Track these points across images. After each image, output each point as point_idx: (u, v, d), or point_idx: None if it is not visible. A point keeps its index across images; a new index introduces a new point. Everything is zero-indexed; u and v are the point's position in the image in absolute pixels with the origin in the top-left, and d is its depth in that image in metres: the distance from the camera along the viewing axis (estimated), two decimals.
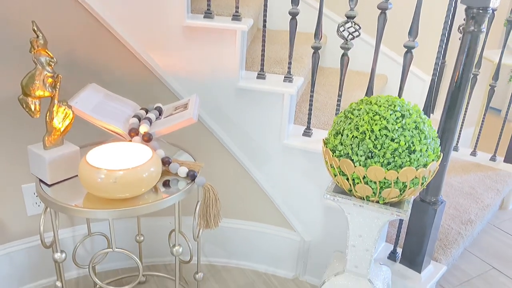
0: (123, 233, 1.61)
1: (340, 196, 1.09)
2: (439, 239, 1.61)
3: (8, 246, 1.44)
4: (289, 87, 1.39)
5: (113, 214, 1.00)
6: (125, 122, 1.19)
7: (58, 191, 1.05)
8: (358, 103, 1.07)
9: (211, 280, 1.63)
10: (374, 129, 0.98)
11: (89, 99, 1.19)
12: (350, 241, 1.18)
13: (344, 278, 1.22)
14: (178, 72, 1.40)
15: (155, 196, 1.07)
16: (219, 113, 1.46)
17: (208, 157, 1.54)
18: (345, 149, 1.01)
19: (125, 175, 0.97)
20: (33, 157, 1.06)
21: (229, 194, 1.60)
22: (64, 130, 1.06)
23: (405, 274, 1.41)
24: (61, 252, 1.09)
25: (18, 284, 1.49)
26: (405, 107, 1.01)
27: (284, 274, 1.67)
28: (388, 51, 2.31)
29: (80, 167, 0.99)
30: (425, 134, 0.99)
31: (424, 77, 2.31)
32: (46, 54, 0.97)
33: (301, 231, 1.59)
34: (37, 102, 1.00)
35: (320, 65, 2.41)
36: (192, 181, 1.11)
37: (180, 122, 1.15)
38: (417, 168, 0.98)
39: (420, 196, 1.35)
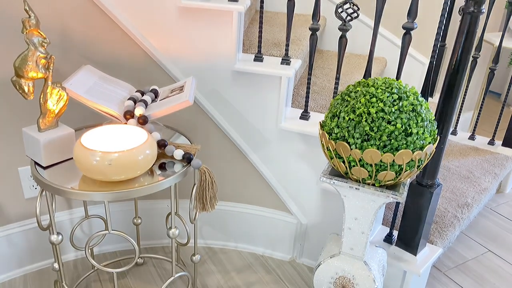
0: (120, 216, 1.62)
1: (336, 179, 1.09)
2: (435, 222, 1.62)
3: (6, 229, 1.45)
4: (287, 70, 1.38)
5: (109, 197, 0.99)
6: (120, 104, 1.18)
7: (53, 174, 1.05)
8: (355, 85, 1.06)
9: (209, 262, 1.64)
10: (370, 111, 0.97)
11: (83, 81, 1.18)
12: (346, 223, 1.19)
13: (339, 260, 1.23)
14: (175, 54, 1.38)
15: (151, 178, 1.07)
16: (216, 95, 1.45)
17: (206, 140, 1.53)
18: (342, 131, 1.01)
19: (120, 157, 0.97)
20: (28, 139, 1.05)
21: (226, 177, 1.60)
22: (59, 112, 1.06)
23: (400, 256, 1.43)
24: (58, 234, 1.09)
25: (17, 265, 1.51)
26: (402, 90, 1.00)
27: (281, 257, 1.69)
28: (388, 33, 2.28)
29: (75, 149, 0.99)
30: (422, 117, 0.99)
31: (424, 60, 2.29)
32: (38, 34, 0.95)
33: (298, 214, 1.59)
34: (30, 83, 0.98)
35: (319, 48, 2.39)
36: (188, 164, 1.11)
37: (176, 104, 1.14)
38: (413, 150, 0.97)
39: (417, 179, 1.35)
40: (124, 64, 1.39)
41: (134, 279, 1.54)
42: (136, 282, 1.53)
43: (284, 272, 1.62)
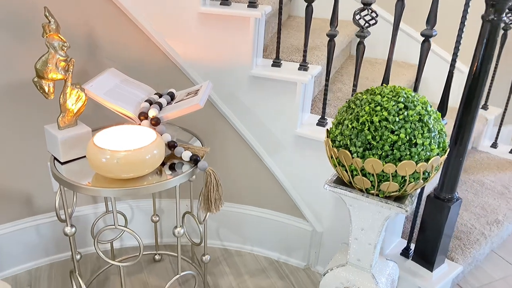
0: (141, 213, 1.68)
1: (340, 187, 1.08)
2: (459, 239, 1.54)
3: (35, 219, 1.55)
4: (303, 76, 1.38)
5: (117, 193, 1.04)
6: (137, 106, 1.24)
7: (70, 170, 1.12)
8: (363, 93, 1.04)
9: (223, 264, 1.66)
10: (374, 120, 0.95)
11: (104, 83, 1.25)
12: (352, 234, 1.16)
13: (346, 271, 1.20)
14: (194, 58, 1.43)
15: (159, 177, 1.11)
16: (233, 99, 1.48)
17: (223, 143, 1.56)
18: (344, 139, 1.00)
19: (127, 156, 1.02)
20: (49, 136, 1.13)
21: (243, 180, 1.62)
22: (77, 112, 1.12)
23: (416, 271, 1.37)
24: (71, 226, 1.16)
25: (44, 254, 1.61)
26: (410, 99, 0.98)
27: (296, 263, 1.68)
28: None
29: (88, 147, 1.05)
30: (429, 127, 0.95)
31: (463, 68, 2.19)
32: (58, 38, 1.02)
33: (313, 221, 1.58)
34: (50, 84, 1.06)
35: (351, 54, 2.35)
36: (195, 165, 1.14)
37: (187, 107, 1.18)
38: (417, 162, 0.94)
39: (434, 193, 1.30)
40: (146, 68, 1.45)
41: (150, 274, 1.59)
42: (151, 277, 1.58)
43: (298, 279, 1.61)
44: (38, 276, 1.55)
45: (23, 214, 1.52)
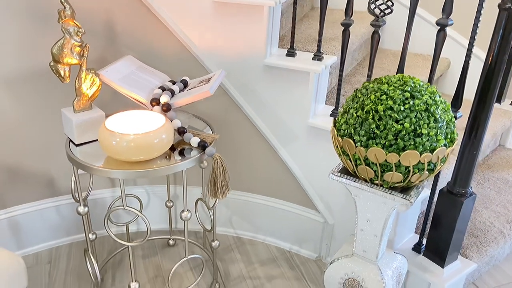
0: (156, 199, 1.73)
1: (345, 177, 1.07)
2: (475, 236, 1.50)
3: (57, 200, 1.63)
4: (316, 66, 1.37)
5: (126, 175, 1.08)
6: (150, 92, 1.27)
7: (84, 152, 1.16)
8: (371, 82, 1.02)
9: (235, 251, 1.69)
10: (378, 109, 0.94)
11: (120, 69, 1.29)
12: (358, 225, 1.15)
13: (351, 262, 1.20)
14: (209, 47, 1.44)
15: (167, 162, 1.13)
16: (247, 89, 1.49)
17: (236, 132, 1.58)
18: (349, 128, 0.99)
19: (136, 139, 1.05)
20: (65, 119, 1.18)
21: (256, 170, 1.63)
22: (92, 96, 1.17)
23: (426, 267, 1.35)
24: (84, 206, 1.21)
25: (65, 234, 1.68)
26: (418, 88, 0.96)
27: (307, 255, 1.68)
28: (453, 32, 2.13)
29: (100, 131, 1.09)
30: (435, 117, 0.93)
31: None
32: (74, 24, 1.07)
33: (325, 213, 1.57)
34: (66, 68, 1.10)
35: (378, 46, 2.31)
36: (203, 151, 1.16)
37: (197, 94, 1.20)
38: (422, 152, 0.92)
39: (448, 187, 1.26)
40: (163, 56, 1.48)
41: (163, 258, 1.64)
42: (165, 260, 1.63)
43: (308, 270, 1.61)
44: (58, 255, 1.63)
45: (45, 194, 1.60)
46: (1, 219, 1.54)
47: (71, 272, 1.55)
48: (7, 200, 1.54)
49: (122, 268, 1.57)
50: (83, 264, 1.58)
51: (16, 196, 1.55)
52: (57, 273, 1.54)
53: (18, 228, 1.58)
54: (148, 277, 1.54)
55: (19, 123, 1.45)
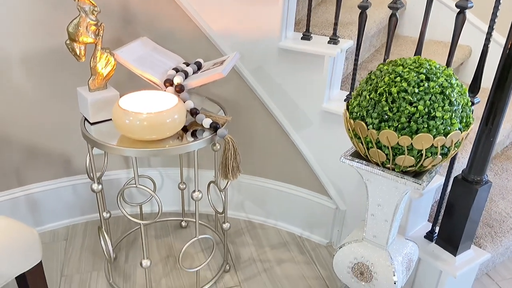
0: (170, 181, 1.75)
1: (356, 160, 1.06)
2: (490, 226, 1.47)
3: (73, 179, 1.66)
4: (331, 49, 1.35)
5: (139, 153, 1.10)
6: (164, 73, 1.28)
7: (99, 130, 1.18)
8: (385, 64, 1.01)
9: (246, 235, 1.70)
10: (392, 91, 0.92)
11: (135, 50, 1.30)
12: (369, 210, 1.15)
13: (361, 246, 1.19)
14: (224, 30, 1.44)
15: (179, 142, 1.14)
16: (261, 72, 1.48)
17: (249, 116, 1.58)
18: (361, 111, 0.98)
19: (149, 118, 1.06)
20: (80, 97, 1.20)
21: (269, 154, 1.63)
22: (107, 76, 1.18)
23: (438, 255, 1.33)
24: (98, 183, 1.23)
25: (80, 213, 1.72)
26: (433, 70, 0.93)
27: (318, 240, 1.68)
28: (474, 19, 2.08)
29: (113, 109, 1.10)
30: (450, 100, 0.91)
31: None
32: (89, 3, 1.08)
33: (336, 199, 1.57)
34: (82, 47, 1.12)
35: (398, 33, 2.27)
36: (214, 133, 1.16)
37: (209, 76, 1.20)
38: (435, 136, 0.91)
39: (462, 174, 1.24)
40: (178, 38, 1.48)
41: (175, 239, 1.66)
42: (177, 241, 1.65)
43: (318, 255, 1.61)
44: (74, 232, 1.67)
45: (61, 173, 1.63)
46: (19, 196, 1.58)
47: (86, 249, 1.59)
48: (25, 177, 1.58)
49: (135, 247, 1.60)
50: (97, 242, 1.62)
51: (33, 174, 1.59)
52: (73, 250, 1.58)
53: (36, 205, 1.62)
54: (160, 256, 1.57)
55: (36, 102, 1.49)
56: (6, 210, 1.58)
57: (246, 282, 1.47)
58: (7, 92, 1.43)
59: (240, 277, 1.49)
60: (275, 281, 1.48)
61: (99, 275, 1.47)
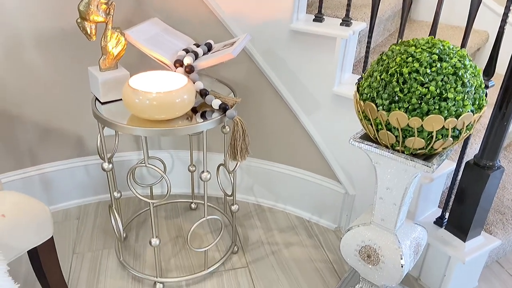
0: (180, 164, 1.76)
1: (366, 142, 1.05)
2: (502, 213, 1.45)
3: (86, 159, 1.68)
4: (343, 31, 1.33)
5: (148, 132, 1.10)
6: (175, 54, 1.27)
7: (109, 110, 1.19)
8: (397, 44, 0.99)
9: (255, 218, 1.71)
10: (403, 71, 0.91)
11: (146, 31, 1.30)
12: (378, 193, 1.14)
13: (369, 230, 1.19)
14: (235, 11, 1.43)
15: (189, 122, 1.15)
16: (272, 55, 1.47)
17: (260, 100, 1.57)
18: (372, 92, 0.96)
19: (158, 97, 1.07)
20: (91, 77, 1.21)
21: (279, 138, 1.63)
22: (117, 55, 1.19)
23: (448, 241, 1.32)
24: (108, 162, 1.25)
25: (93, 193, 1.75)
26: (446, 51, 0.91)
27: (327, 225, 1.68)
28: (492, 3, 2.02)
29: (124, 89, 1.11)
30: (463, 81, 0.89)
31: None
32: None
33: (346, 183, 1.56)
34: (92, 26, 1.12)
35: (411, 17, 2.23)
36: (223, 114, 1.16)
37: (220, 57, 1.20)
38: (446, 117, 0.89)
39: (474, 159, 1.22)
40: (189, 19, 1.48)
41: (185, 221, 1.68)
42: (186, 223, 1.67)
43: (326, 239, 1.61)
44: (86, 212, 1.70)
45: (74, 154, 1.66)
46: (33, 175, 1.61)
47: (98, 228, 1.61)
48: (39, 157, 1.61)
49: (146, 228, 1.63)
50: (109, 222, 1.64)
51: (47, 153, 1.62)
52: (85, 229, 1.61)
53: (49, 184, 1.65)
54: (170, 236, 1.59)
55: (50, 82, 1.50)
56: (20, 188, 1.62)
57: (253, 263, 1.48)
58: (21, 72, 1.45)
59: (248, 258, 1.50)
60: (283, 263, 1.49)
61: (110, 253, 1.50)
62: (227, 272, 1.44)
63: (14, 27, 1.38)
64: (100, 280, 1.39)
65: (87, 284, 1.37)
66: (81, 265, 1.45)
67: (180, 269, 1.45)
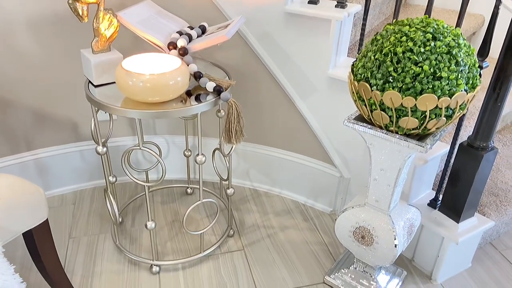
0: (176, 149, 1.76)
1: (360, 123, 1.05)
2: (496, 195, 1.46)
3: (80, 144, 1.68)
4: (338, 13, 1.32)
5: (142, 114, 1.10)
6: (168, 36, 1.26)
7: (102, 93, 1.18)
8: (392, 23, 0.98)
9: (251, 203, 1.71)
10: (397, 51, 0.90)
11: (139, 13, 1.29)
12: (372, 174, 1.15)
13: (363, 211, 1.20)
14: None
15: (182, 105, 1.14)
16: (268, 38, 1.46)
17: (255, 84, 1.57)
18: (366, 72, 0.96)
19: (152, 79, 1.06)
20: (84, 59, 1.20)
21: (274, 123, 1.63)
22: (110, 37, 1.17)
23: (441, 222, 1.33)
24: (103, 146, 1.24)
25: (88, 179, 1.75)
26: (440, 30, 0.91)
27: (322, 208, 1.69)
28: None
29: (117, 71, 1.10)
30: (457, 60, 0.89)
31: None
32: None
33: (341, 167, 1.57)
34: (84, 7, 1.11)
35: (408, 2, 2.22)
36: (218, 96, 1.16)
37: (214, 39, 1.19)
38: (440, 97, 0.89)
39: (468, 140, 1.23)
40: (183, 2, 1.46)
41: (181, 205, 1.69)
42: (182, 207, 1.67)
43: (322, 222, 1.62)
44: (82, 197, 1.70)
45: (69, 139, 1.65)
46: (28, 160, 1.61)
47: (94, 213, 1.62)
48: (34, 142, 1.60)
49: (142, 212, 1.63)
50: (105, 207, 1.65)
51: (41, 138, 1.61)
52: (80, 214, 1.61)
53: (44, 170, 1.65)
54: (166, 221, 1.60)
55: (43, 66, 1.49)
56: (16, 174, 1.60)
57: (249, 246, 1.49)
58: (14, 56, 1.43)
59: (243, 241, 1.51)
60: (278, 246, 1.50)
61: (106, 237, 1.50)
62: (223, 255, 1.45)
63: (5, 11, 1.36)
64: (96, 263, 1.40)
65: (84, 268, 1.38)
66: (77, 250, 1.45)
67: (177, 252, 1.46)
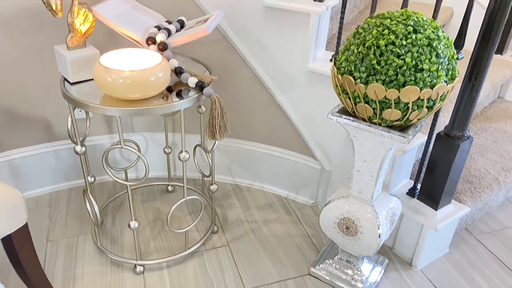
0: (155, 147, 1.73)
1: (344, 116, 1.06)
2: (470, 182, 1.52)
3: (55, 144, 1.62)
4: (317, 6, 1.33)
5: (122, 112, 1.07)
6: (146, 31, 1.23)
7: (80, 90, 1.15)
8: (373, 17, 1.00)
9: (233, 198, 1.71)
10: (380, 44, 0.92)
11: (114, 7, 1.25)
12: (355, 166, 1.16)
13: (347, 202, 1.22)
14: None
15: (164, 101, 1.12)
16: (247, 32, 1.45)
17: (235, 79, 1.56)
18: (349, 65, 0.97)
19: (132, 76, 1.03)
20: (59, 56, 1.16)
21: (254, 117, 1.62)
22: (85, 33, 1.14)
23: (420, 210, 1.37)
24: (82, 145, 1.21)
25: (64, 179, 1.70)
26: (421, 22, 0.93)
27: (304, 201, 1.71)
28: None
29: (95, 67, 1.07)
30: (437, 52, 0.91)
31: None
32: None
33: (322, 160, 1.58)
34: (58, 1, 1.06)
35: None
36: (200, 92, 1.14)
37: (194, 33, 1.17)
38: (422, 88, 0.91)
39: (445, 130, 1.26)
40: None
41: (162, 203, 1.66)
42: (164, 205, 1.65)
43: (304, 215, 1.64)
44: (58, 198, 1.65)
45: (43, 139, 1.59)
46: (1, 162, 1.54)
47: (71, 214, 1.57)
48: (6, 143, 1.54)
49: (122, 211, 1.60)
50: (83, 207, 1.60)
51: (14, 139, 1.55)
52: (58, 216, 1.56)
53: (18, 171, 1.59)
54: (148, 219, 1.57)
55: (14, 65, 1.43)
56: None
57: (234, 241, 1.49)
58: None
59: (228, 237, 1.51)
60: (263, 240, 1.51)
61: (86, 239, 1.46)
62: (208, 252, 1.45)
63: None
64: (77, 266, 1.36)
65: (65, 271, 1.34)
66: (56, 252, 1.41)
67: (160, 251, 1.44)
